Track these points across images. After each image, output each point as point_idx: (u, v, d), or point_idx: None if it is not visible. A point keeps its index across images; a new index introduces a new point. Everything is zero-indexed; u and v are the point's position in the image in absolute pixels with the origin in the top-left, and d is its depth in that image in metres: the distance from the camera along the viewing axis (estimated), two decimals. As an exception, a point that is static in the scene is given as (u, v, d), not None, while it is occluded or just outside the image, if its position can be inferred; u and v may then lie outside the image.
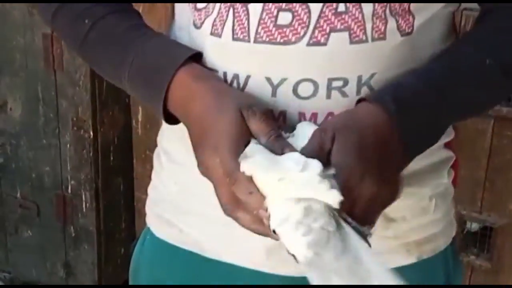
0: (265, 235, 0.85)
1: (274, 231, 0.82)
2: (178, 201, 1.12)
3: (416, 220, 1.07)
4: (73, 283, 2.89)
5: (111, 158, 2.78)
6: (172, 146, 1.13)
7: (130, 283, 1.27)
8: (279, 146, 0.85)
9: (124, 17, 1.05)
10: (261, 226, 0.84)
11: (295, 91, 0.95)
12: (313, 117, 0.96)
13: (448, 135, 1.09)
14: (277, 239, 0.83)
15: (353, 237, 0.80)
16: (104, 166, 2.74)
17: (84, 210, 2.77)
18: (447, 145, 1.10)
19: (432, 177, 1.06)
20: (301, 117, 0.96)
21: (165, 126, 1.12)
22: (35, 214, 2.86)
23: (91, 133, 2.65)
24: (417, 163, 0.95)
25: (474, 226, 2.42)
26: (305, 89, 0.95)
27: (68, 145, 2.70)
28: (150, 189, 1.22)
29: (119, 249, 2.90)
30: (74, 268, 2.87)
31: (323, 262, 0.78)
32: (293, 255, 0.81)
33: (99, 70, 1.09)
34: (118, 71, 1.01)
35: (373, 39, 0.94)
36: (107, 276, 2.88)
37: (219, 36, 0.97)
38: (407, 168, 0.92)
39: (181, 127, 0.97)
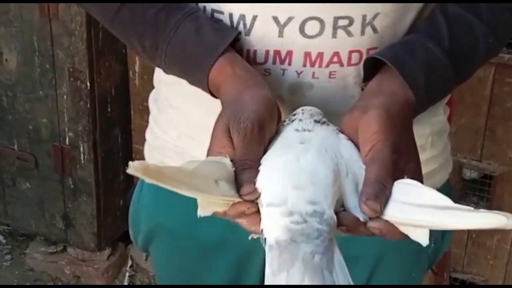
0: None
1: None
2: (178, 147, 1.12)
3: None
4: (72, 235, 2.90)
5: (109, 109, 2.76)
6: (171, 90, 1.12)
7: (130, 229, 1.27)
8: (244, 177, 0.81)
9: None
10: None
11: (301, 29, 0.96)
12: (319, 57, 0.97)
13: None
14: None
15: (338, 254, 0.77)
16: (101, 117, 2.73)
17: (82, 161, 2.76)
18: None
19: (429, 115, 1.06)
20: (307, 56, 0.97)
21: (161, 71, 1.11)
22: (33, 166, 2.85)
23: (88, 84, 2.63)
24: None
25: (473, 174, 2.42)
26: (312, 27, 0.95)
27: (65, 96, 2.68)
28: (148, 134, 1.21)
29: (117, 201, 2.90)
30: (73, 219, 2.87)
31: (296, 251, 0.75)
32: (264, 238, 0.78)
33: (130, 47, 1.07)
34: (152, 57, 1.00)
35: None
36: (106, 227, 2.88)
37: None
38: None
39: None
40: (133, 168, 0.71)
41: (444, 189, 1.14)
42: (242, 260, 1.16)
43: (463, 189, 2.44)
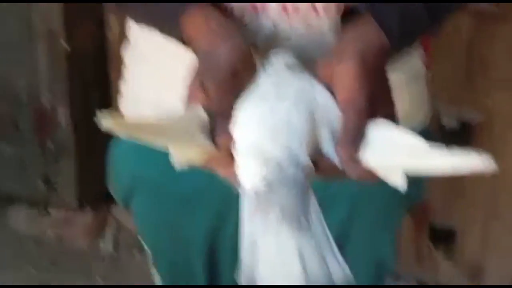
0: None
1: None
2: (154, 99, 1.12)
3: None
4: (54, 197, 2.90)
5: (87, 71, 2.75)
6: (146, 43, 1.12)
7: (110, 185, 1.28)
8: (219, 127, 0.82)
9: None
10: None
11: None
12: (296, 8, 0.98)
13: None
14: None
15: (313, 201, 0.79)
16: (80, 80, 2.72)
17: (62, 124, 2.76)
18: None
19: (404, 59, 1.06)
20: (284, 8, 0.98)
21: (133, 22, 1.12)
22: (13, 129, 2.84)
23: (66, 46, 2.62)
24: None
25: (452, 123, 2.43)
26: None
27: (43, 59, 2.67)
28: (123, 87, 1.21)
29: (98, 161, 2.87)
30: (55, 182, 2.88)
31: (272, 198, 0.77)
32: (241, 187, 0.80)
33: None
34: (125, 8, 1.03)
35: None
36: (87, 188, 2.88)
37: None
38: None
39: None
40: (106, 122, 0.71)
41: (423, 135, 1.16)
42: (222, 209, 1.16)
43: (443, 138, 2.44)
